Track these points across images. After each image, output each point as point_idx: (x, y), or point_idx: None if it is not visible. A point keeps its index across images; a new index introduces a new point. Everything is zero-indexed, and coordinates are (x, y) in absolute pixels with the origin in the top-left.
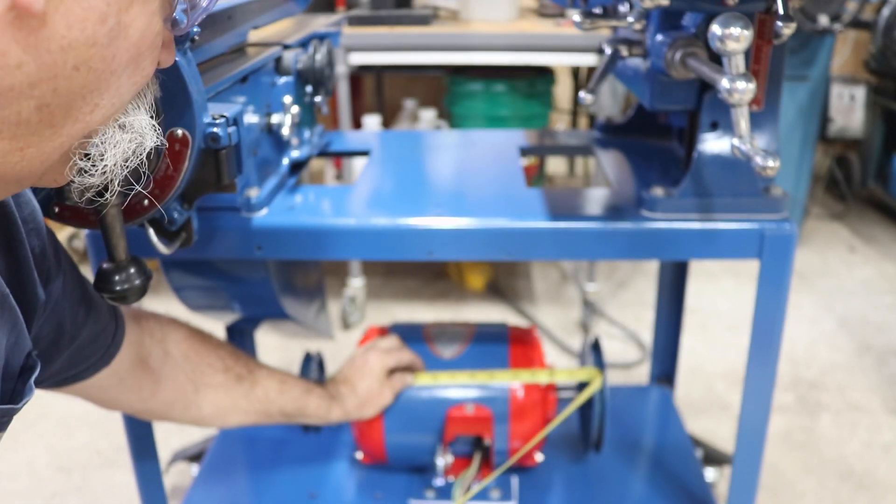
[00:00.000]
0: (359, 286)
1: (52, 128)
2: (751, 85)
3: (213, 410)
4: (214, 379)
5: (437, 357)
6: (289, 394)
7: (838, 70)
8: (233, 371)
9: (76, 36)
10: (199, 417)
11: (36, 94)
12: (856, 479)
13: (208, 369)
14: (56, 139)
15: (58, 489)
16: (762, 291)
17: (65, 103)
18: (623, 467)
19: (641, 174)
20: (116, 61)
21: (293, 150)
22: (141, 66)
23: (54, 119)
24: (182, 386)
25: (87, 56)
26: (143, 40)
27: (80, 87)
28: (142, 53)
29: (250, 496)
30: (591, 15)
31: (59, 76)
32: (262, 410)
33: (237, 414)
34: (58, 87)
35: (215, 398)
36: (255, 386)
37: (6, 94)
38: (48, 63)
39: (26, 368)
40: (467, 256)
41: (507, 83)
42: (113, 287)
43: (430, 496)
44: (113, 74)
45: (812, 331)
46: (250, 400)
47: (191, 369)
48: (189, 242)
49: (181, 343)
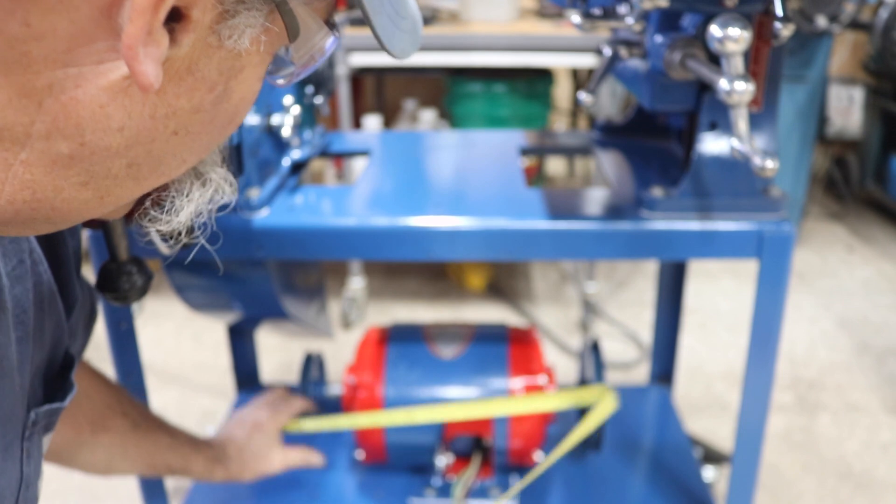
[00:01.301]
0: (359, 286)
1: (136, 180)
2: (749, 86)
3: (103, 456)
4: (113, 422)
5: (437, 357)
6: (177, 450)
7: (837, 71)
8: (129, 416)
9: (182, 105)
10: (89, 462)
11: (131, 154)
12: (855, 479)
13: (108, 411)
14: (136, 190)
15: (58, 489)
16: (761, 291)
17: (155, 162)
18: (622, 467)
19: (641, 174)
20: (214, 123)
21: (294, 151)
22: (235, 122)
23: (141, 174)
24: (80, 425)
25: (187, 122)
26: (243, 101)
27: (174, 148)
28: (240, 112)
29: (251, 496)
30: (590, 16)
31: (157, 139)
32: (149, 462)
33: (124, 462)
34: (152, 150)
35: (109, 442)
36: (147, 435)
37: (102, 153)
38: (149, 129)
39: (66, 364)
40: (467, 256)
41: (506, 84)
42: (114, 287)
43: (430, 495)
44: (208, 134)
45: (811, 331)
46: (140, 449)
47: (91, 409)
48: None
49: (83, 380)
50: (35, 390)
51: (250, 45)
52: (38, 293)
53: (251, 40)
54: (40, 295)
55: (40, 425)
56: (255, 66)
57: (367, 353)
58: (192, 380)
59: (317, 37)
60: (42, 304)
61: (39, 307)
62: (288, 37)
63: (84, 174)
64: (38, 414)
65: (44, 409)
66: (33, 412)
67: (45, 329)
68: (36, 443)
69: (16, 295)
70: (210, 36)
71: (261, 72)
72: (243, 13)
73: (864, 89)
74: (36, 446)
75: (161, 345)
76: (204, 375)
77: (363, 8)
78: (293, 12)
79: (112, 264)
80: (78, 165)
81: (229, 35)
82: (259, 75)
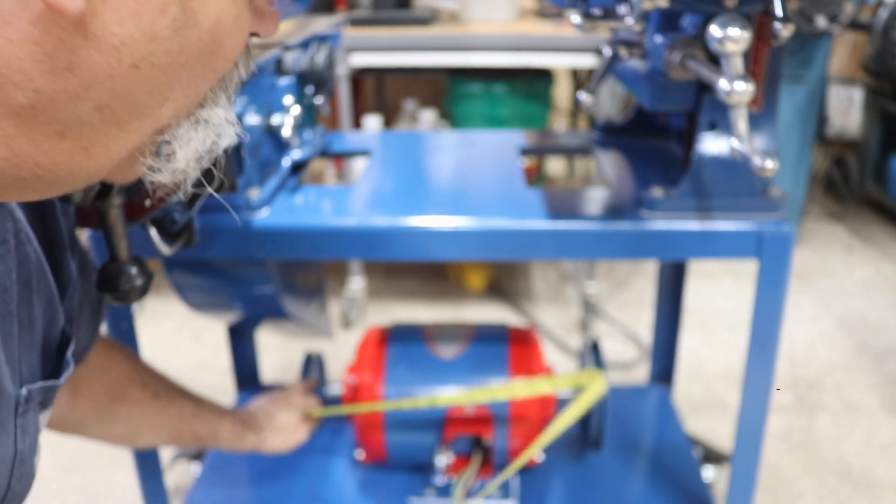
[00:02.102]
0: (359, 286)
1: (117, 125)
2: (749, 86)
3: (125, 425)
4: (131, 392)
5: (437, 357)
6: (203, 417)
7: (836, 71)
8: (150, 387)
9: (130, 32)
10: (112, 432)
11: (92, 95)
12: (854, 479)
13: (126, 382)
14: (123, 136)
15: (59, 489)
16: (761, 291)
17: (127, 101)
18: (622, 467)
19: (640, 174)
20: (185, 52)
21: (294, 151)
22: (220, 53)
23: (118, 117)
24: (98, 397)
25: (146, 52)
26: (219, 26)
27: (142, 84)
28: (219, 40)
29: (251, 495)
30: (590, 16)
31: (116, 76)
32: (175, 430)
33: (150, 431)
34: (116, 87)
35: (130, 412)
36: (171, 404)
37: (60, 97)
38: (101, 63)
39: (62, 343)
40: (467, 256)
41: (506, 84)
42: (115, 287)
43: (430, 495)
44: (183, 66)
45: (811, 331)
46: (164, 418)
47: (108, 381)
48: (191, 243)
49: (100, 353)
50: (31, 367)
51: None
52: (23, 272)
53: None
54: (26, 274)
55: (35, 402)
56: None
57: (367, 353)
58: (192, 380)
59: None
60: (29, 282)
61: (26, 286)
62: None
63: (55, 123)
64: (31, 391)
65: (37, 385)
66: (26, 388)
67: (35, 307)
68: (31, 419)
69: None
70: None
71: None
72: None
73: (863, 89)
74: (31, 422)
75: (161, 345)
76: (204, 375)
77: None
78: None
79: (112, 264)
80: (43, 115)
81: None
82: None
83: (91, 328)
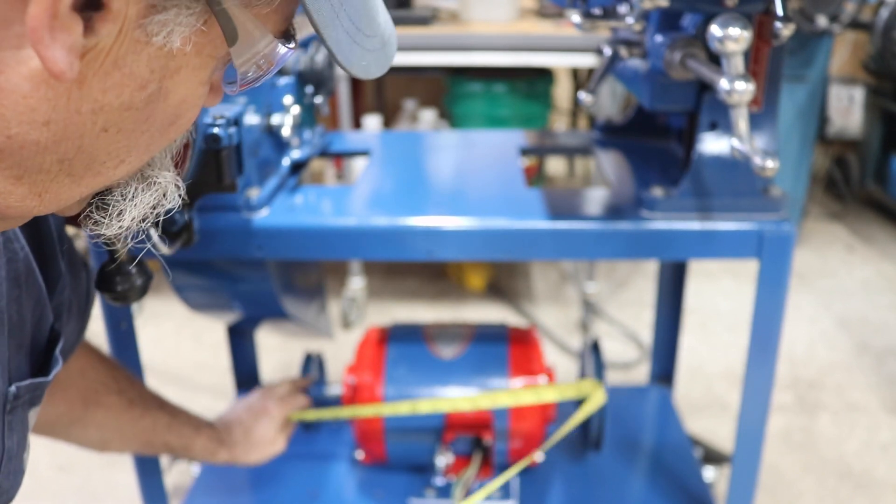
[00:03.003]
0: (359, 286)
1: (71, 177)
2: (750, 86)
3: (97, 432)
4: (106, 399)
5: (437, 357)
6: (177, 430)
7: (837, 71)
8: (126, 395)
9: (110, 101)
10: (82, 437)
11: (60, 149)
12: (854, 479)
13: (102, 388)
14: (75, 188)
15: (59, 489)
16: (761, 291)
17: (87, 159)
18: (622, 467)
19: (641, 174)
20: (150, 122)
21: (294, 151)
22: (178, 124)
23: (74, 171)
24: (73, 401)
25: (118, 119)
26: (184, 103)
27: (105, 145)
28: (180, 113)
29: (251, 496)
30: (590, 16)
31: (86, 136)
32: (146, 440)
33: (120, 439)
34: (83, 146)
35: (103, 419)
36: (145, 414)
37: (30, 147)
38: (76, 123)
39: (51, 340)
40: (467, 256)
41: (506, 84)
42: (114, 287)
43: (430, 495)
44: (144, 133)
45: (811, 331)
46: (137, 428)
47: (85, 386)
48: (190, 243)
49: (80, 358)
50: (20, 365)
51: (182, 46)
52: (12, 270)
53: (182, 40)
54: (15, 272)
55: (24, 399)
56: (194, 68)
57: (367, 353)
58: (192, 380)
59: (260, 44)
60: (18, 280)
61: (14, 283)
62: (226, 41)
63: (16, 168)
64: (19, 388)
65: (26, 383)
66: (14, 386)
67: (24, 305)
68: (19, 416)
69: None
70: (136, 30)
71: (202, 75)
72: (172, 10)
73: (864, 89)
74: (19, 420)
75: (161, 345)
76: (204, 375)
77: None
78: (228, 14)
79: (111, 264)
80: (8, 159)
81: (157, 31)
82: (201, 79)
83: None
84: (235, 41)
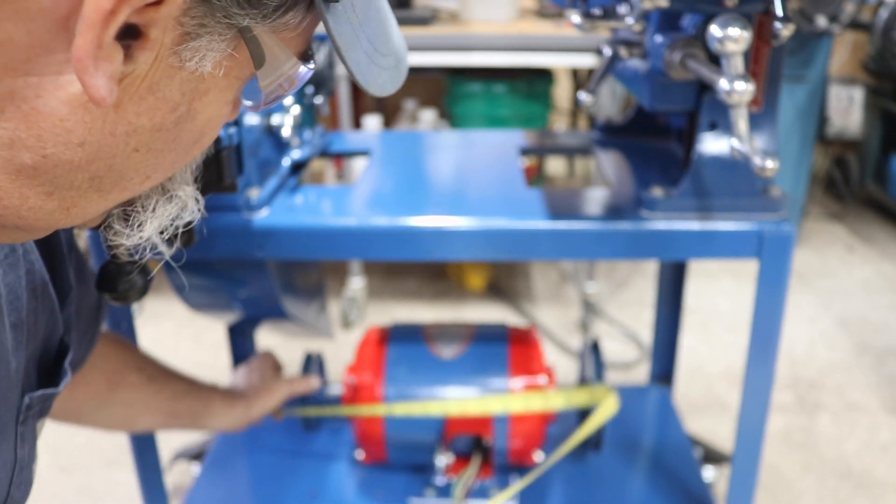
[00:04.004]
0: (359, 286)
1: (99, 193)
2: (749, 86)
3: (123, 410)
4: (128, 378)
5: (437, 357)
6: (195, 393)
7: (836, 71)
8: (145, 371)
9: (143, 123)
10: (109, 418)
11: (92, 168)
12: (855, 479)
13: (123, 368)
14: (101, 202)
15: (59, 489)
16: (761, 291)
17: (116, 176)
18: (622, 467)
19: (641, 174)
20: (178, 142)
21: (294, 151)
22: (201, 142)
23: (103, 186)
24: (97, 385)
25: (149, 140)
26: (210, 122)
27: (135, 164)
28: (205, 132)
29: (251, 495)
30: (590, 16)
31: (118, 156)
32: (171, 410)
33: (147, 413)
34: (114, 165)
35: (127, 397)
36: (165, 385)
37: (64, 166)
38: (110, 145)
39: (60, 352)
40: (467, 256)
41: (506, 84)
42: (114, 287)
43: (430, 495)
44: (172, 152)
45: (811, 330)
46: (160, 399)
47: (107, 369)
48: (190, 243)
49: (100, 343)
50: (29, 376)
51: (213, 70)
52: (30, 281)
53: (213, 64)
54: (33, 283)
55: (34, 410)
56: (221, 89)
57: (367, 353)
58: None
59: (284, 66)
60: (35, 291)
61: (33, 294)
62: (253, 64)
63: (48, 185)
64: (32, 398)
65: (38, 394)
66: (27, 396)
67: (39, 316)
68: (30, 427)
69: (9, 282)
70: (171, 57)
71: (228, 95)
72: (205, 36)
73: (864, 89)
74: (30, 430)
75: (161, 345)
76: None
77: (336, 45)
78: (258, 40)
79: (112, 264)
80: (42, 176)
81: (190, 57)
82: (227, 99)
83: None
84: (262, 64)
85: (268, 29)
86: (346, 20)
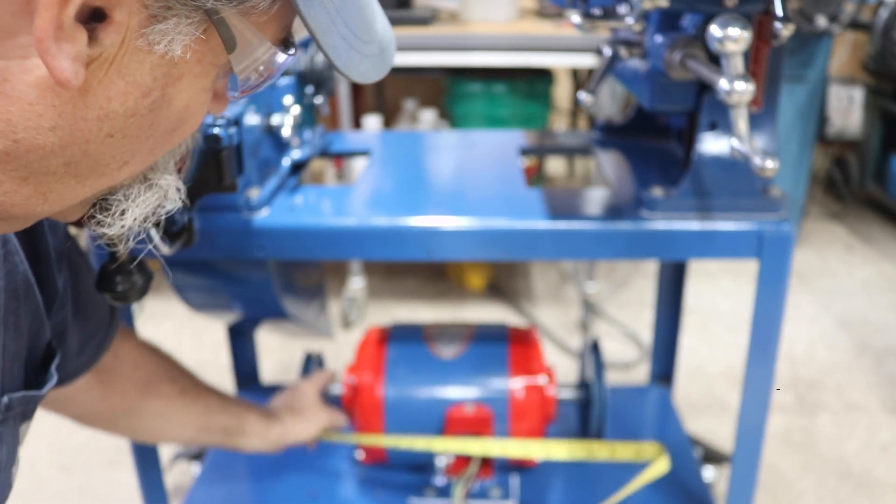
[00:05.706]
0: (359, 286)
1: (76, 178)
2: (749, 86)
3: (155, 421)
4: (160, 388)
5: (438, 357)
6: (229, 410)
7: (836, 71)
8: (178, 383)
9: (115, 108)
10: (141, 428)
11: (66, 153)
12: (854, 479)
13: (155, 378)
14: (79, 188)
15: (59, 489)
16: (761, 291)
17: (93, 162)
18: (622, 467)
19: (641, 174)
20: (154, 128)
21: (294, 151)
22: (181, 130)
23: (79, 172)
24: (128, 392)
25: (123, 125)
26: (187, 109)
27: (110, 149)
28: (183, 119)
29: (251, 495)
30: (590, 16)
31: (92, 141)
32: (203, 425)
33: (178, 427)
34: (88, 150)
35: (159, 408)
36: (198, 399)
37: (37, 151)
38: (82, 129)
39: (47, 356)
40: (467, 256)
41: (506, 84)
42: (114, 287)
43: (430, 495)
44: (148, 139)
45: (811, 331)
46: (192, 413)
47: (138, 377)
48: (190, 243)
49: (132, 350)
50: (13, 377)
51: (183, 54)
52: (10, 282)
53: (183, 48)
54: (13, 284)
55: (15, 412)
56: (196, 75)
57: (367, 353)
58: None
59: (258, 52)
60: (16, 292)
61: (13, 295)
62: (225, 49)
63: (22, 170)
64: (11, 399)
65: (18, 395)
66: (6, 397)
67: (21, 317)
68: (10, 428)
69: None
70: (138, 39)
71: (205, 82)
72: (172, 20)
73: (864, 89)
74: (9, 432)
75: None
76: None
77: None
78: (226, 23)
79: (111, 264)
80: (14, 161)
81: (158, 40)
82: (203, 85)
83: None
84: (234, 49)
85: (236, 12)
86: (319, 4)
